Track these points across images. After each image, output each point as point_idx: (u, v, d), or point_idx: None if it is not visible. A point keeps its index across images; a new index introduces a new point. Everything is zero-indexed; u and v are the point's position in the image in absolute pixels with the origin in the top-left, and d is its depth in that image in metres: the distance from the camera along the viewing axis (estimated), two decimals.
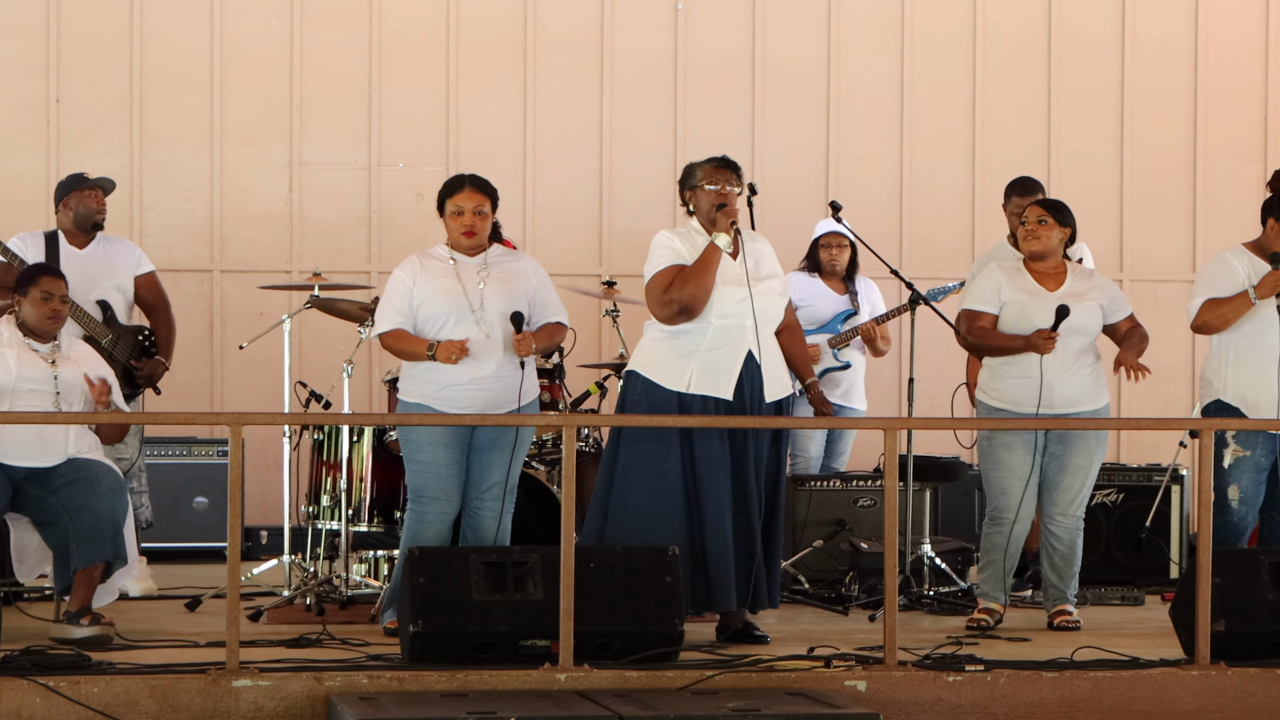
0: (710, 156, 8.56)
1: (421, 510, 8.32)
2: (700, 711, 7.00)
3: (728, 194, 8.40)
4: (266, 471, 12.00)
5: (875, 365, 11.46)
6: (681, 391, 8.29)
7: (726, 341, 8.31)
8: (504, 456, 8.36)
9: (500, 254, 8.52)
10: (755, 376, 8.33)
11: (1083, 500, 9.04)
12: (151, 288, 10.12)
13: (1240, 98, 13.35)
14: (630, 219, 12.74)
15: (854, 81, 13.04)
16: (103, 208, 9.98)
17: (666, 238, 8.43)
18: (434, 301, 8.30)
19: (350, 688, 7.30)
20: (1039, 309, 8.91)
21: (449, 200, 8.43)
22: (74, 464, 8.37)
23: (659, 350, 8.37)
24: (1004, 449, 8.94)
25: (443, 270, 8.37)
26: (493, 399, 8.29)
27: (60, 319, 8.51)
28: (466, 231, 8.39)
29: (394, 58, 12.63)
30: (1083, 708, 7.65)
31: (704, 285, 8.27)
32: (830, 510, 10.49)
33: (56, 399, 8.38)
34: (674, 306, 8.29)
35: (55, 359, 8.46)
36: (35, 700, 7.09)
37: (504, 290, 8.36)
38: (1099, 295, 9.02)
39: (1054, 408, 8.84)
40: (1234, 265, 9.00)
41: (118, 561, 8.30)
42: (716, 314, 8.29)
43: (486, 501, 8.38)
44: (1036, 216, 9.07)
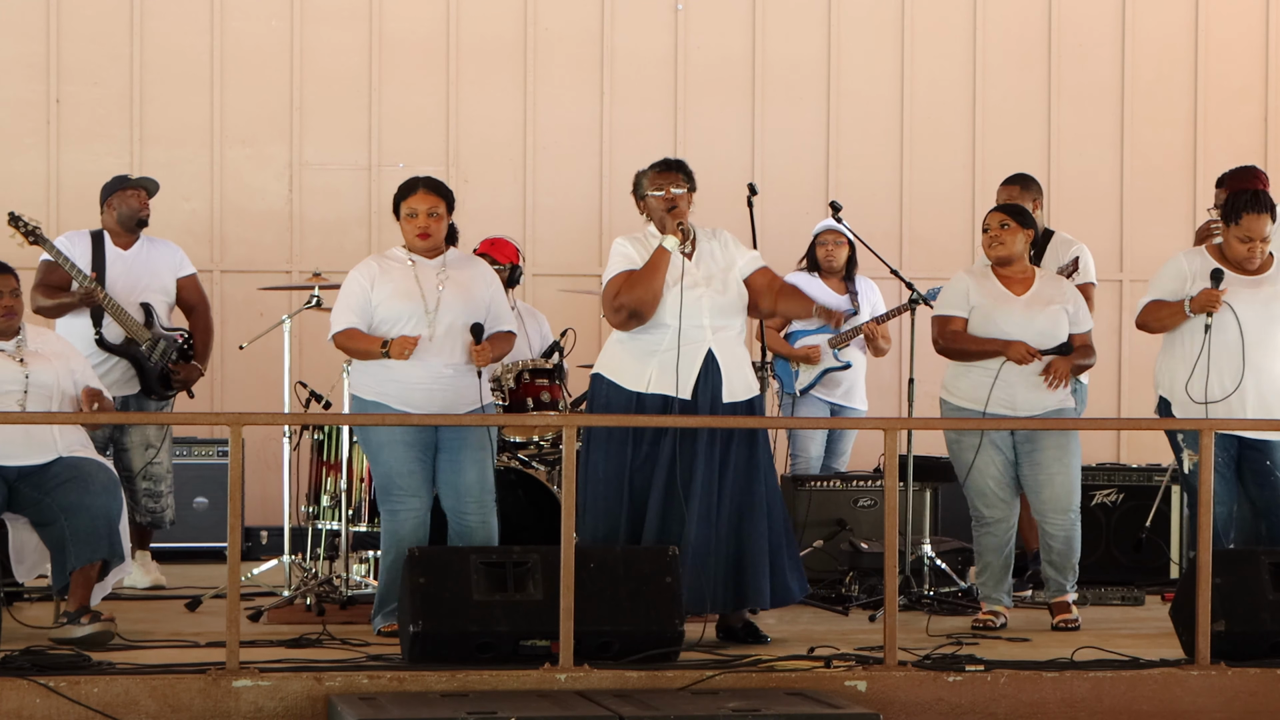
0: (655, 161, 8.56)
1: (394, 509, 8.32)
2: (700, 711, 7.00)
3: (674, 197, 8.40)
4: (266, 471, 12.00)
5: (875, 365, 11.46)
6: (640, 391, 8.32)
7: (685, 341, 8.32)
8: (475, 456, 8.34)
9: (458, 258, 8.55)
10: (715, 377, 8.35)
11: (1071, 495, 9.01)
12: (193, 289, 10.30)
13: (1240, 98, 13.35)
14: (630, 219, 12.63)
15: (854, 81, 13.04)
16: (145, 207, 10.12)
17: (622, 244, 8.47)
18: (391, 303, 8.31)
19: (350, 688, 7.30)
20: (1006, 314, 8.95)
21: (403, 203, 8.45)
22: (67, 464, 8.35)
23: (619, 351, 8.43)
24: (970, 451, 8.99)
25: (401, 272, 8.39)
26: (449, 400, 8.30)
27: (14, 315, 8.47)
28: (421, 234, 8.41)
29: (394, 58, 12.63)
30: (1083, 708, 7.65)
31: (651, 289, 8.29)
32: (830, 510, 10.49)
33: (24, 398, 8.35)
34: (623, 312, 8.33)
35: (22, 356, 8.43)
36: (35, 700, 7.09)
37: (461, 294, 8.37)
38: (1065, 303, 9.04)
39: (1016, 410, 8.87)
40: (1183, 268, 9.00)
41: (114, 559, 8.30)
42: (672, 315, 8.30)
43: (470, 506, 8.35)
44: (999, 222, 9.09)
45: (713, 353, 8.36)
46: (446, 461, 8.35)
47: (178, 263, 10.22)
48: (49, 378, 8.40)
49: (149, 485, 10.01)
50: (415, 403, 8.27)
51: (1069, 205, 12.92)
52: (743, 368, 8.45)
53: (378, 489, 8.42)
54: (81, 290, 9.79)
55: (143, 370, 9.97)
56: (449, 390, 8.31)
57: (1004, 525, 9.02)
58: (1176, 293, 8.97)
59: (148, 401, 10.03)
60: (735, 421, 8.26)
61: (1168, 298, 8.98)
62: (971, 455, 8.98)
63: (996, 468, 8.98)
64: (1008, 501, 9.02)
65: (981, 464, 8.96)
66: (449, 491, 8.37)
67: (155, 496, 10.04)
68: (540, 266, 12.44)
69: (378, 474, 8.38)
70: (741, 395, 8.41)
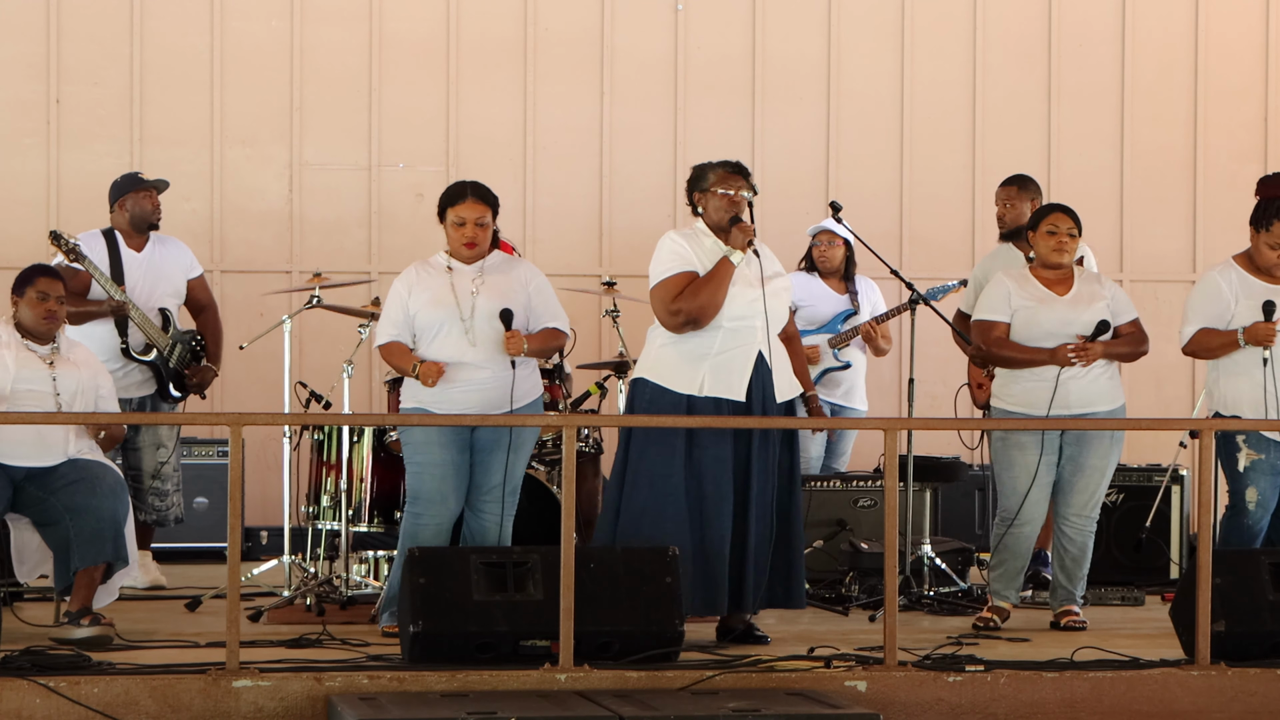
0: (722, 160, 8.51)
1: (418, 513, 8.31)
2: (700, 712, 7.00)
3: (740, 203, 8.36)
4: (266, 472, 12.00)
5: (875, 365, 11.46)
6: (693, 395, 8.27)
7: (737, 343, 8.29)
8: (503, 457, 8.35)
9: (498, 261, 8.50)
10: (766, 378, 8.32)
11: (1097, 502, 9.03)
12: (202, 290, 10.33)
13: (1240, 98, 13.35)
14: (630, 219, 12.73)
15: (854, 81, 13.04)
16: (158, 208, 10.09)
17: (674, 241, 8.37)
18: (427, 312, 8.31)
19: (350, 688, 7.30)
20: (1049, 315, 8.91)
21: (451, 210, 8.40)
22: (74, 464, 8.37)
23: (667, 355, 8.33)
24: (1017, 449, 8.93)
25: (438, 280, 8.37)
26: (487, 401, 8.28)
27: (56, 320, 8.50)
28: (468, 243, 8.37)
29: (394, 58, 12.63)
30: (1083, 708, 7.65)
31: (716, 300, 8.24)
32: (830, 510, 10.49)
33: (56, 400, 8.38)
34: (681, 317, 8.26)
35: (54, 360, 8.46)
36: (35, 700, 7.09)
37: (497, 298, 8.34)
38: (1105, 296, 9.02)
39: (1069, 408, 8.84)
40: (1222, 289, 8.99)
41: (118, 562, 8.30)
42: (727, 316, 8.26)
43: (488, 503, 8.37)
44: (1068, 228, 9.02)
45: (763, 354, 8.34)
46: (479, 462, 8.35)
47: (188, 264, 10.24)
48: (73, 385, 8.42)
49: (157, 484, 10.01)
50: (453, 407, 8.26)
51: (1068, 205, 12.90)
52: (788, 366, 8.44)
53: (409, 490, 8.39)
54: (112, 303, 9.79)
55: (159, 374, 9.98)
56: (484, 393, 8.28)
57: (1033, 528, 8.98)
58: (1223, 315, 8.96)
59: (162, 403, 10.06)
60: (736, 421, 8.23)
61: (1213, 322, 8.97)
62: (1015, 452, 8.91)
63: (1041, 469, 8.91)
64: (1041, 504, 8.97)
65: (1028, 461, 8.89)
66: (473, 486, 8.36)
67: (162, 495, 10.04)
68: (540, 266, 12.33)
69: (411, 474, 8.36)
70: (789, 394, 8.43)
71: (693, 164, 8.66)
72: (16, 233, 10.38)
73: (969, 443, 10.67)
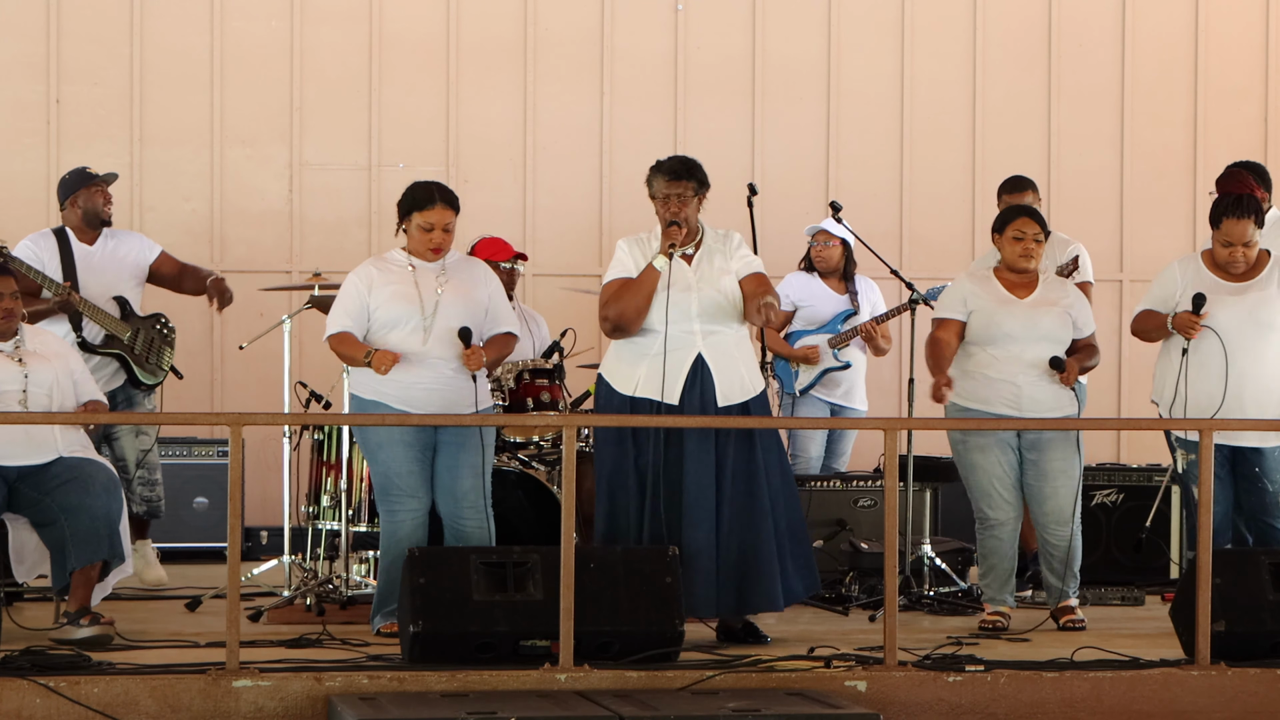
0: (665, 161, 8.54)
1: (393, 509, 8.32)
2: (700, 711, 7.00)
3: (683, 211, 8.37)
4: (266, 471, 12.00)
5: (875, 365, 11.46)
6: (630, 395, 8.33)
7: (674, 346, 8.32)
8: (472, 460, 8.33)
9: (457, 261, 8.52)
10: (706, 381, 8.33)
11: (1073, 507, 9.00)
12: (168, 263, 10.15)
13: (1240, 98, 13.35)
14: (630, 219, 12.70)
15: (854, 81, 13.04)
16: (109, 202, 10.03)
17: (623, 246, 8.50)
18: (390, 306, 8.31)
19: (350, 688, 7.30)
20: (1009, 316, 8.93)
21: (418, 214, 8.39)
22: (67, 464, 8.36)
23: (615, 354, 8.47)
24: (978, 451, 8.97)
25: (400, 276, 8.37)
26: (447, 400, 8.29)
27: (14, 317, 8.48)
28: (435, 248, 8.39)
29: (394, 58, 12.63)
30: (1083, 708, 7.65)
31: (634, 305, 8.30)
32: (830, 510, 10.48)
33: (24, 397, 8.36)
34: (608, 324, 8.38)
35: (21, 356, 8.43)
36: (35, 700, 7.09)
37: (460, 298, 8.35)
38: (1068, 305, 9.02)
39: (1021, 411, 8.86)
40: (1175, 276, 9.00)
41: (115, 560, 8.31)
42: (663, 320, 8.29)
43: (466, 511, 8.35)
44: (1034, 234, 9.00)
45: (702, 357, 8.34)
46: (444, 464, 8.34)
47: (143, 249, 10.09)
48: (48, 377, 8.41)
49: (143, 474, 9.95)
50: (414, 402, 8.27)
51: (1069, 205, 12.92)
52: (738, 369, 8.41)
53: (376, 489, 8.42)
54: (57, 298, 9.70)
55: (127, 364, 9.91)
56: (448, 390, 8.30)
57: (1008, 527, 9.00)
58: (1168, 300, 8.97)
59: (135, 393, 9.96)
60: (736, 422, 8.25)
61: (1159, 306, 8.99)
62: (975, 455, 8.96)
63: (1003, 468, 8.95)
64: (1012, 503, 8.99)
65: (988, 464, 8.94)
66: (445, 496, 8.36)
67: (151, 485, 9.98)
68: (540, 266, 12.43)
69: (376, 474, 8.38)
70: (736, 398, 8.38)
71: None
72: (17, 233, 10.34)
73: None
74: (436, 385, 8.29)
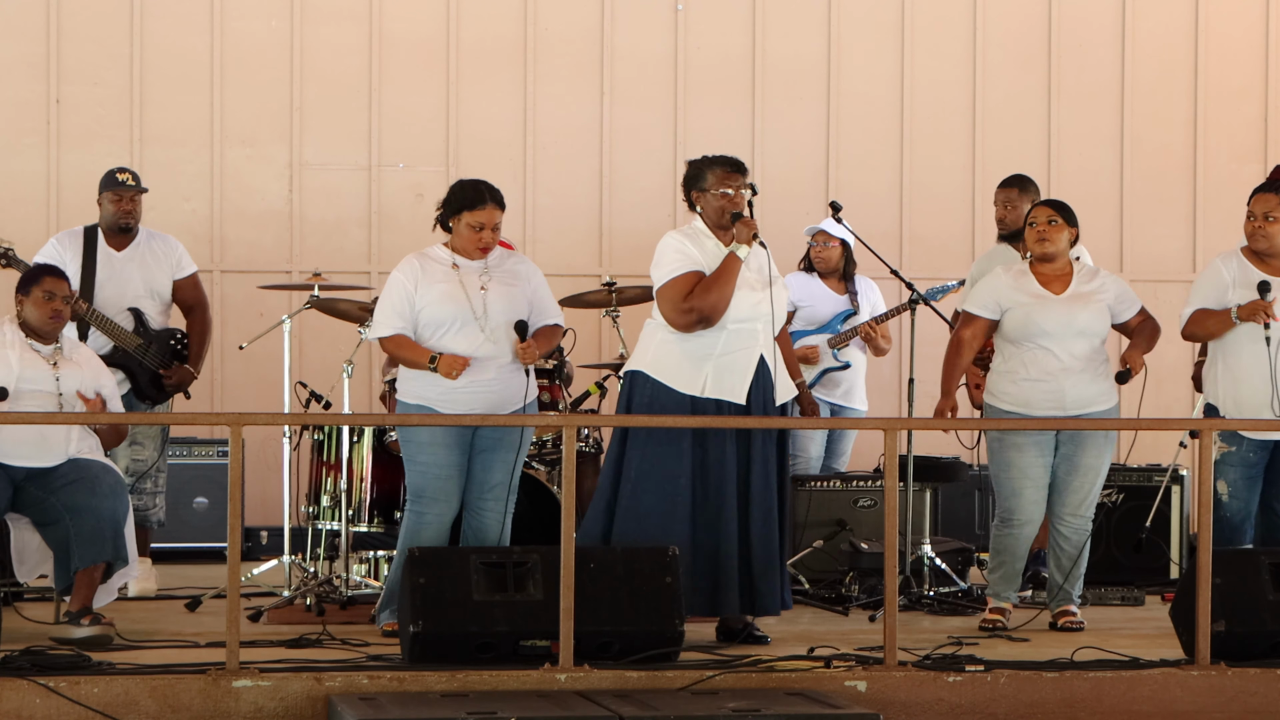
0: (718, 156, 8.47)
1: (421, 511, 8.30)
2: (700, 711, 7.00)
3: (741, 201, 8.33)
4: (266, 472, 12.00)
5: (875, 365, 11.46)
6: (696, 395, 8.24)
7: (740, 345, 8.26)
8: (506, 457, 8.34)
9: (500, 256, 8.47)
10: (766, 380, 8.31)
11: (1093, 501, 9.02)
12: (190, 289, 10.09)
13: (1240, 98, 13.35)
14: (630, 219, 12.73)
15: (854, 81, 13.04)
16: (129, 213, 9.90)
17: (677, 241, 8.32)
18: (437, 308, 8.25)
19: (350, 688, 7.30)
20: (1045, 313, 8.87)
21: (469, 213, 8.29)
22: (74, 464, 8.37)
23: (669, 352, 8.29)
24: (1015, 450, 8.91)
25: (444, 275, 8.31)
26: (495, 401, 8.27)
27: (62, 319, 8.51)
28: (484, 248, 8.34)
29: (394, 58, 12.63)
30: (1083, 708, 7.65)
31: (725, 296, 8.19)
32: (830, 510, 10.48)
33: (59, 400, 8.39)
34: (693, 315, 8.21)
35: (57, 361, 8.47)
36: (35, 700, 7.09)
37: (506, 295, 8.32)
38: (1105, 295, 8.99)
39: (1066, 410, 8.83)
40: (1222, 273, 8.99)
41: (118, 562, 8.31)
42: (731, 318, 8.23)
43: (489, 502, 8.36)
44: (1046, 217, 8.96)
45: (764, 357, 8.32)
46: (479, 459, 8.34)
47: (175, 262, 10.03)
48: (76, 384, 8.42)
49: (131, 480, 9.87)
50: (458, 405, 8.23)
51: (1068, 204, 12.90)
52: (784, 370, 8.42)
53: (410, 488, 8.36)
54: None
55: (133, 375, 9.87)
56: (494, 393, 8.26)
57: (1031, 528, 8.97)
58: (1218, 300, 8.96)
59: (140, 404, 9.93)
60: (736, 422, 8.23)
61: (1213, 304, 8.97)
62: (1012, 453, 8.89)
63: (1038, 469, 8.90)
64: (1039, 504, 8.95)
65: (1025, 463, 8.89)
66: (474, 485, 8.35)
67: (139, 494, 9.89)
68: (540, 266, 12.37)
69: (413, 474, 8.33)
70: (786, 397, 8.41)
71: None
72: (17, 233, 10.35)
73: (966, 443, 10.66)
74: (481, 389, 8.23)
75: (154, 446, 9.96)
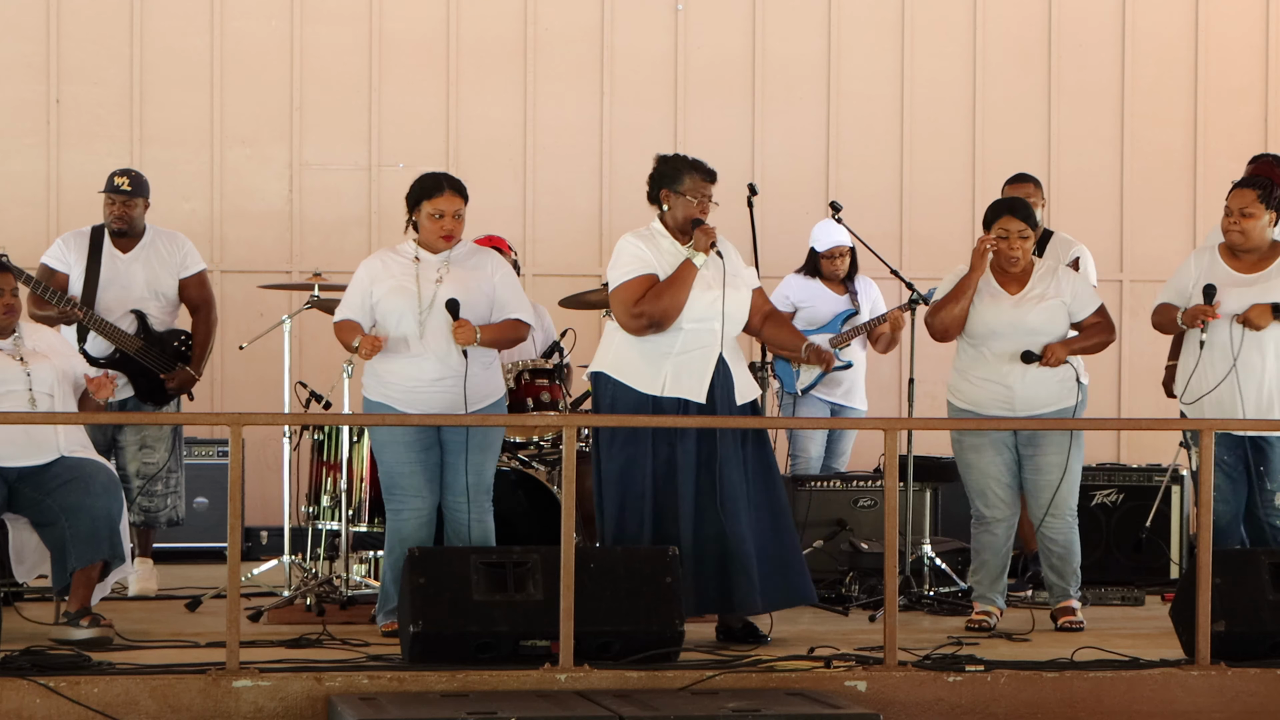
0: (695, 160, 8.49)
1: (398, 508, 8.34)
2: (700, 711, 7.00)
3: (704, 211, 8.35)
4: (266, 472, 12.00)
5: (875, 366, 11.46)
6: (656, 395, 8.28)
7: (698, 345, 8.30)
8: (476, 458, 8.32)
9: (465, 252, 8.49)
10: (726, 379, 8.33)
11: (1067, 500, 9.00)
12: (196, 288, 10.07)
13: (1240, 98, 13.35)
14: (630, 219, 12.67)
15: (854, 81, 13.04)
16: (121, 216, 9.85)
17: (632, 244, 8.37)
18: (388, 299, 8.31)
19: (350, 688, 7.30)
20: (995, 313, 8.91)
21: (427, 202, 8.36)
22: (68, 464, 8.36)
23: (628, 353, 8.34)
24: (972, 451, 8.97)
25: (402, 268, 8.37)
26: (454, 399, 8.27)
27: (14, 313, 8.46)
28: (446, 235, 8.37)
29: (394, 58, 12.63)
30: (1083, 708, 7.65)
31: (677, 302, 8.23)
32: (830, 510, 10.49)
33: (31, 395, 8.35)
34: (644, 320, 8.26)
35: (21, 354, 8.43)
36: (35, 700, 7.09)
37: (459, 288, 8.33)
38: (1061, 294, 8.98)
39: (1015, 410, 8.86)
40: (1190, 268, 9.08)
41: (115, 560, 8.31)
42: (687, 318, 8.26)
43: (460, 502, 8.36)
44: (1019, 230, 8.94)
45: (723, 356, 8.33)
46: (448, 460, 8.35)
47: (180, 261, 10.02)
48: (50, 375, 8.41)
49: (140, 484, 9.89)
50: (418, 403, 8.27)
51: (1069, 205, 12.92)
52: (745, 370, 8.46)
53: (383, 488, 8.43)
54: (58, 312, 9.63)
55: (135, 378, 9.86)
56: (451, 391, 8.29)
57: (1004, 525, 9.01)
58: (1182, 293, 9.06)
59: (142, 405, 9.92)
60: (737, 421, 8.25)
61: (1175, 299, 9.05)
62: (970, 455, 8.98)
63: (998, 468, 8.97)
64: (1009, 502, 9.00)
65: (983, 464, 8.96)
66: (447, 491, 8.37)
67: (150, 496, 9.90)
68: (540, 266, 12.44)
69: (382, 473, 8.40)
70: (749, 396, 8.41)
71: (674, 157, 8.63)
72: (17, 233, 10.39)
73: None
74: (438, 386, 8.26)
75: (164, 448, 9.95)
